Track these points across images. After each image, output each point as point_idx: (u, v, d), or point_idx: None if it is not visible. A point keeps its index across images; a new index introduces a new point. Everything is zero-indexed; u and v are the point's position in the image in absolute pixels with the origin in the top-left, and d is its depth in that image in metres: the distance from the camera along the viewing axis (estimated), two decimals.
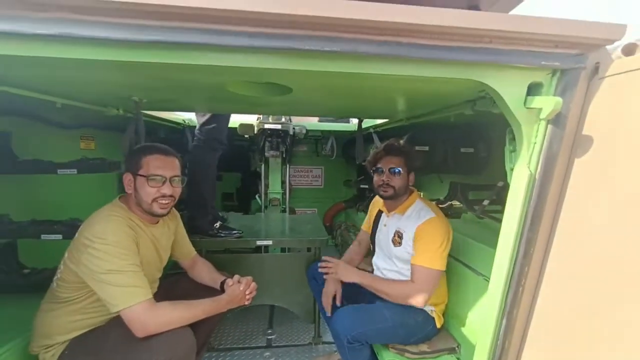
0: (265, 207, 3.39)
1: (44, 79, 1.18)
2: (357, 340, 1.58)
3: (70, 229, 1.73)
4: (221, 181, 3.98)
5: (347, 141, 3.95)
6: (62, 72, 1.08)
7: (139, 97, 1.49)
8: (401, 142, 1.90)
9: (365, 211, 2.22)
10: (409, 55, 0.89)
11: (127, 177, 1.35)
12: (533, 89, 1.02)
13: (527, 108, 1.00)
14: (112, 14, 0.78)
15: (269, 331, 2.40)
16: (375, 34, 0.86)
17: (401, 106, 1.73)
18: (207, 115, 2.17)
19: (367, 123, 2.81)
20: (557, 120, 0.99)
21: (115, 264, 1.21)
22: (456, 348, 1.68)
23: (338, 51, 0.84)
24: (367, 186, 3.79)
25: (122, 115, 1.85)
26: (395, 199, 1.77)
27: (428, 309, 1.72)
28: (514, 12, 1.15)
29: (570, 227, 1.07)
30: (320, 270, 1.78)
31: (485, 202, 2.05)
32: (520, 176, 1.08)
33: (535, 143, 1.04)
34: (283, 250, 2.77)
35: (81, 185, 2.14)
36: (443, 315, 1.78)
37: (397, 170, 1.70)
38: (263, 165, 3.34)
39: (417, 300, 1.58)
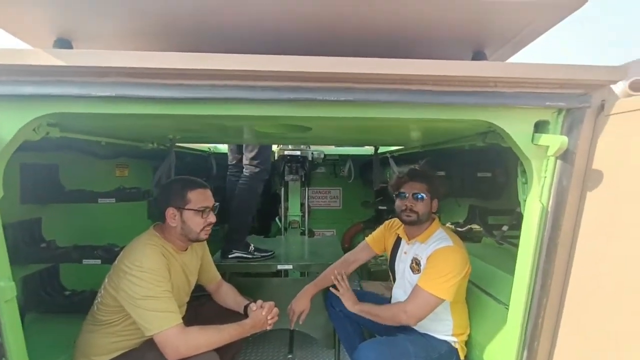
0: (285, 229, 3.49)
1: (95, 124, 1.35)
2: None
3: (107, 253, 1.86)
4: None
5: (363, 164, 4.03)
6: (111, 121, 1.23)
7: (173, 135, 1.64)
8: (423, 168, 1.92)
9: None
10: (418, 101, 0.97)
11: (171, 212, 1.46)
12: (541, 126, 1.07)
13: (535, 145, 1.05)
14: (158, 77, 0.92)
15: (289, 356, 2.41)
16: (387, 83, 0.95)
17: (415, 137, 1.80)
18: (255, 150, 2.36)
19: (384, 148, 2.89)
20: (565, 156, 1.03)
21: (151, 290, 1.31)
22: None
23: (352, 100, 0.94)
24: (385, 207, 3.83)
25: (156, 148, 2.03)
26: (417, 225, 1.76)
27: (451, 340, 1.70)
28: (519, 54, 1.22)
29: (587, 259, 1.08)
30: (332, 290, 1.84)
31: (505, 228, 2.05)
32: (533, 209, 1.11)
33: (545, 177, 1.08)
34: (302, 274, 2.82)
35: (116, 212, 2.31)
36: (466, 345, 1.76)
37: (420, 196, 1.71)
38: (283, 189, 3.47)
39: (405, 320, 1.59)
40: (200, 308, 1.77)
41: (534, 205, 1.10)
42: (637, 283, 0.91)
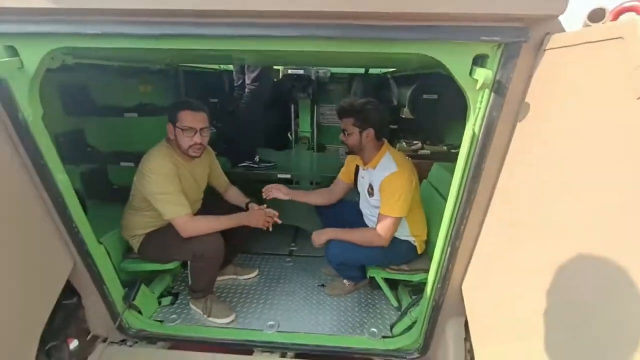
0: (295, 143, 3.78)
1: (98, 53, 1.58)
2: (344, 264, 2.01)
3: (137, 158, 2.28)
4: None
5: (373, 84, 3.94)
6: (106, 51, 1.44)
7: (170, 59, 1.83)
8: (352, 100, 1.89)
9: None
10: (357, 36, 1.06)
11: (169, 127, 1.78)
12: (482, 60, 1.13)
13: (473, 78, 1.13)
14: (140, 14, 1.08)
15: (292, 244, 2.98)
16: (322, 17, 1.04)
17: (388, 64, 1.81)
18: (256, 72, 2.49)
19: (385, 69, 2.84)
20: (498, 89, 1.12)
21: (164, 188, 1.73)
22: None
23: (292, 36, 1.05)
24: (395, 126, 3.90)
25: (164, 69, 2.24)
26: (360, 153, 1.93)
27: (411, 239, 2.04)
28: None
29: (509, 180, 1.24)
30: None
31: None
32: (467, 135, 1.25)
33: (479, 108, 1.18)
34: (311, 183, 3.19)
35: (142, 125, 2.68)
36: (426, 243, 2.10)
37: (346, 131, 1.86)
38: (293, 106, 3.63)
39: (380, 242, 1.86)
40: (212, 205, 2.22)
41: (468, 131, 1.24)
42: (554, 201, 0.96)
